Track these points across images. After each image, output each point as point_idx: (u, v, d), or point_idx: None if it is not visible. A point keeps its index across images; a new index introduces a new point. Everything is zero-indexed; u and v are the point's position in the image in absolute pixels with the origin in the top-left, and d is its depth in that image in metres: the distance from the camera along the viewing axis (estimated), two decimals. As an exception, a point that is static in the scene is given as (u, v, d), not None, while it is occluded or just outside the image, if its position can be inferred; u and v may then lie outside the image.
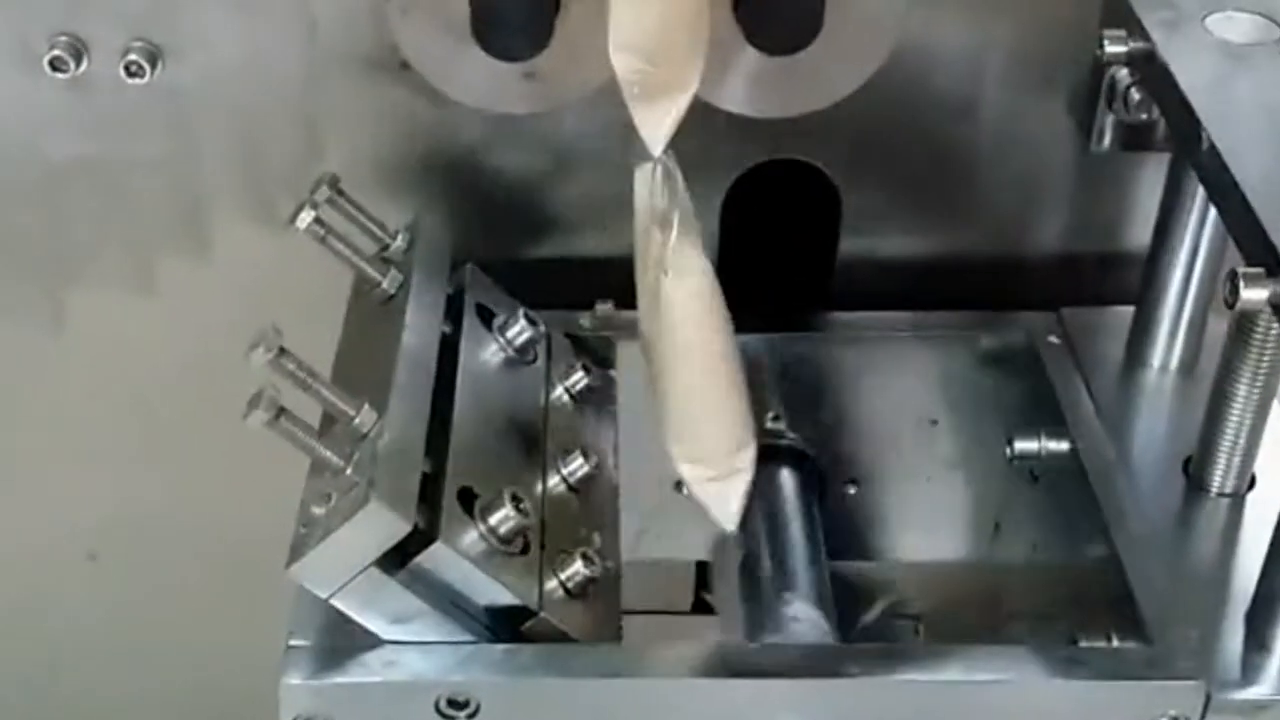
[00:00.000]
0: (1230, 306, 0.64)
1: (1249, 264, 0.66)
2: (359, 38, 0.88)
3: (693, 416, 0.73)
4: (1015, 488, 0.94)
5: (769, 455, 0.96)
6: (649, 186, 0.73)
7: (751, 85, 0.81)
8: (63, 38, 0.88)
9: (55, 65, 0.88)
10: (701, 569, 1.06)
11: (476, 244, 0.93)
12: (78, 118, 0.91)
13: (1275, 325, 0.75)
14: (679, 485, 0.97)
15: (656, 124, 0.74)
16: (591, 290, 0.93)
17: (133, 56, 0.88)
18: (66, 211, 0.94)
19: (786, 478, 0.96)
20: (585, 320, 0.93)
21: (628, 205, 0.78)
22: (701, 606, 1.10)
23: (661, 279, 0.71)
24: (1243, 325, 0.76)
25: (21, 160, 0.92)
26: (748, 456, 0.74)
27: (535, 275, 0.95)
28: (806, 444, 0.96)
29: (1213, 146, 0.71)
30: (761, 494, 0.97)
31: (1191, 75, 0.76)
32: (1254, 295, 0.64)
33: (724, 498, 0.74)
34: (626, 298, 0.80)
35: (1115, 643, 0.76)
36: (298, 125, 0.92)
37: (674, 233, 0.71)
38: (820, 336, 0.95)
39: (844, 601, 0.93)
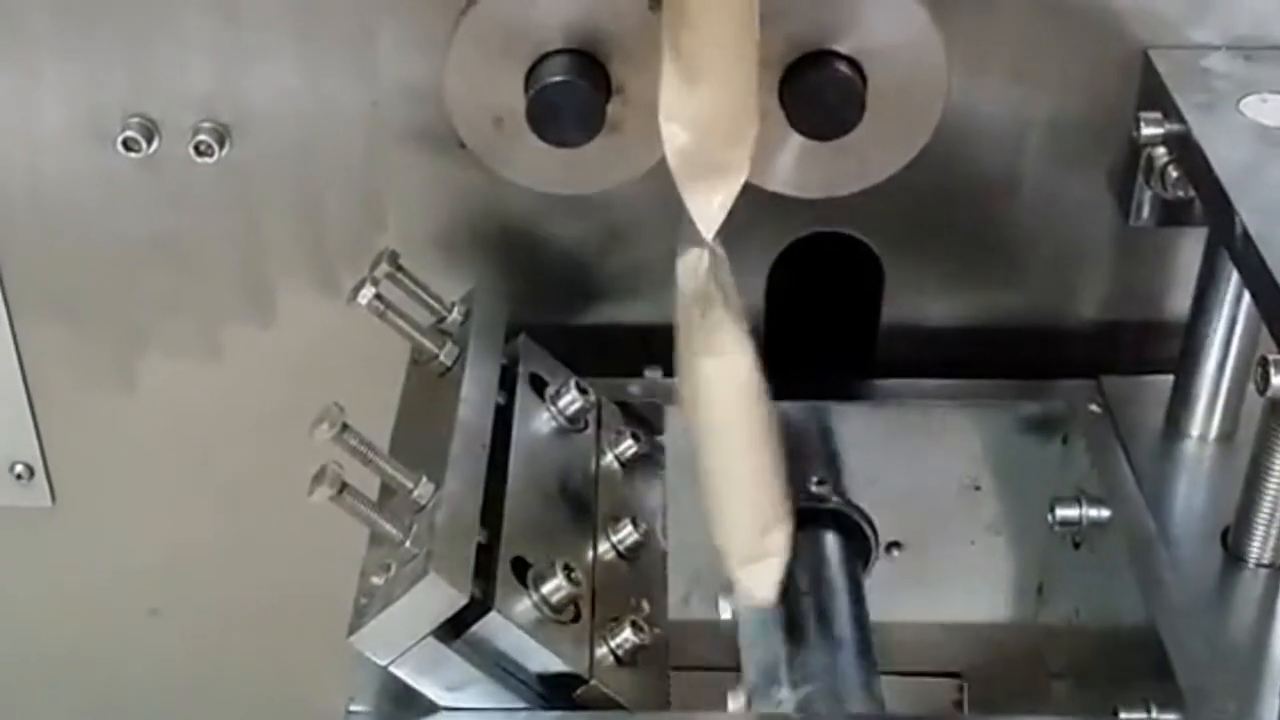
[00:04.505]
0: (1261, 393, 0.66)
1: (1281, 349, 0.68)
2: (418, 116, 0.91)
3: (725, 497, 0.74)
4: (1057, 552, 0.95)
5: (813, 519, 0.99)
6: (692, 269, 0.75)
7: (795, 167, 0.84)
8: (135, 119, 0.91)
9: (128, 145, 0.91)
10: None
11: (530, 311, 0.96)
12: (149, 195, 0.94)
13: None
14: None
15: (706, 205, 0.76)
16: (640, 357, 0.96)
17: (202, 136, 0.91)
18: (138, 283, 0.98)
19: (831, 541, 0.98)
20: (634, 387, 0.96)
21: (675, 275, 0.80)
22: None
23: (700, 361, 0.73)
24: (1277, 405, 0.77)
25: (97, 235, 0.96)
26: (778, 539, 0.74)
27: (586, 342, 0.98)
28: (850, 508, 0.99)
29: (1246, 231, 0.72)
30: (806, 557, 0.99)
31: (1226, 159, 0.78)
32: (1285, 382, 0.66)
33: (753, 580, 0.75)
34: (674, 364, 0.82)
35: (1154, 713, 0.77)
36: (359, 200, 0.95)
37: (714, 316, 0.72)
38: (864, 403, 0.97)
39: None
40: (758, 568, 0.74)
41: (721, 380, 0.72)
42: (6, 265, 0.98)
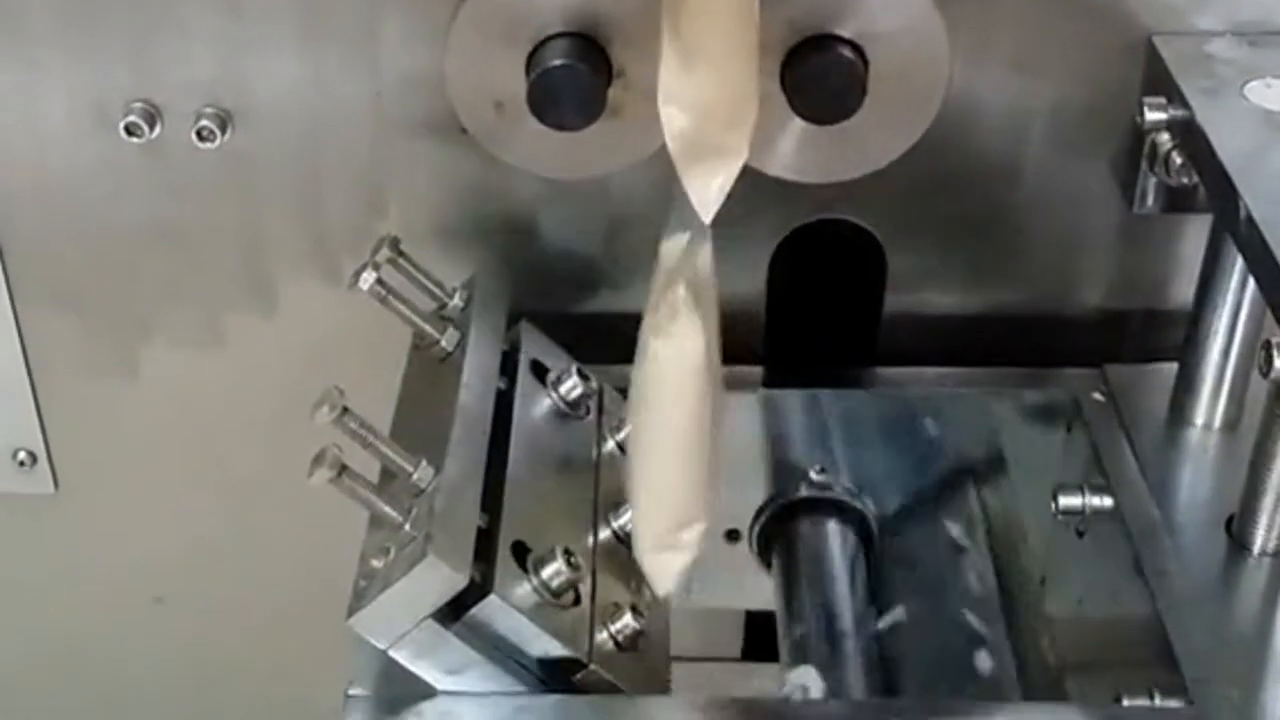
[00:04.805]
0: (1265, 376, 0.65)
1: (1285, 333, 0.67)
2: (421, 103, 0.91)
3: (650, 482, 0.73)
4: (1061, 541, 0.95)
5: (815, 507, 0.99)
6: (675, 251, 0.74)
7: (797, 152, 0.83)
8: (137, 104, 0.91)
9: (130, 130, 0.91)
10: (751, 618, 1.08)
11: (531, 297, 0.96)
12: (151, 181, 0.94)
13: (1314, 389, 0.76)
14: (731, 535, 1.00)
15: (704, 189, 0.76)
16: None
17: (204, 122, 0.91)
18: (141, 270, 0.98)
19: (832, 529, 0.98)
20: (636, 374, 0.96)
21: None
22: (750, 654, 1.11)
23: (653, 341, 0.71)
24: (1281, 389, 0.77)
25: (98, 222, 0.96)
26: (693, 535, 0.72)
27: (587, 328, 0.98)
28: (852, 496, 0.98)
29: (1250, 216, 0.72)
30: (808, 545, 0.99)
31: (1230, 144, 0.77)
32: (1289, 365, 0.65)
33: (659, 570, 0.73)
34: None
35: (1158, 700, 0.77)
36: (361, 187, 0.95)
37: (679, 298, 0.71)
38: (866, 391, 0.97)
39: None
40: (666, 559, 0.73)
41: (670, 363, 0.70)
42: (9, 252, 0.98)
